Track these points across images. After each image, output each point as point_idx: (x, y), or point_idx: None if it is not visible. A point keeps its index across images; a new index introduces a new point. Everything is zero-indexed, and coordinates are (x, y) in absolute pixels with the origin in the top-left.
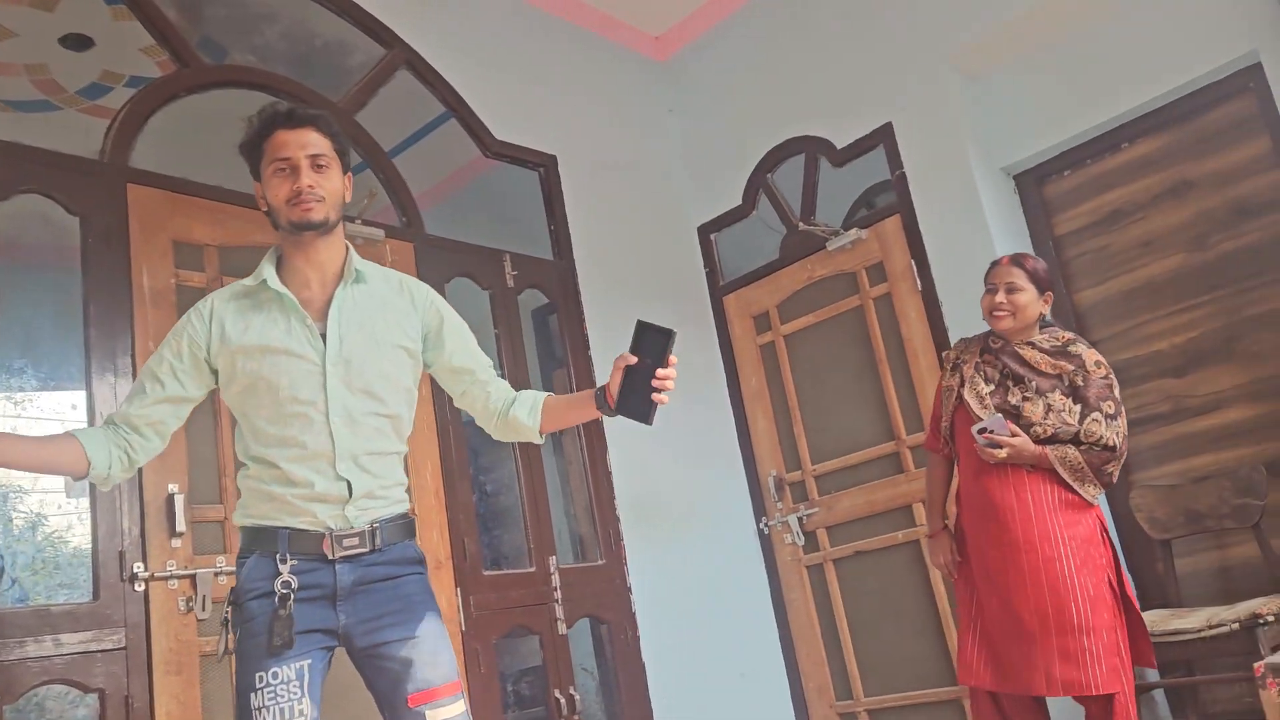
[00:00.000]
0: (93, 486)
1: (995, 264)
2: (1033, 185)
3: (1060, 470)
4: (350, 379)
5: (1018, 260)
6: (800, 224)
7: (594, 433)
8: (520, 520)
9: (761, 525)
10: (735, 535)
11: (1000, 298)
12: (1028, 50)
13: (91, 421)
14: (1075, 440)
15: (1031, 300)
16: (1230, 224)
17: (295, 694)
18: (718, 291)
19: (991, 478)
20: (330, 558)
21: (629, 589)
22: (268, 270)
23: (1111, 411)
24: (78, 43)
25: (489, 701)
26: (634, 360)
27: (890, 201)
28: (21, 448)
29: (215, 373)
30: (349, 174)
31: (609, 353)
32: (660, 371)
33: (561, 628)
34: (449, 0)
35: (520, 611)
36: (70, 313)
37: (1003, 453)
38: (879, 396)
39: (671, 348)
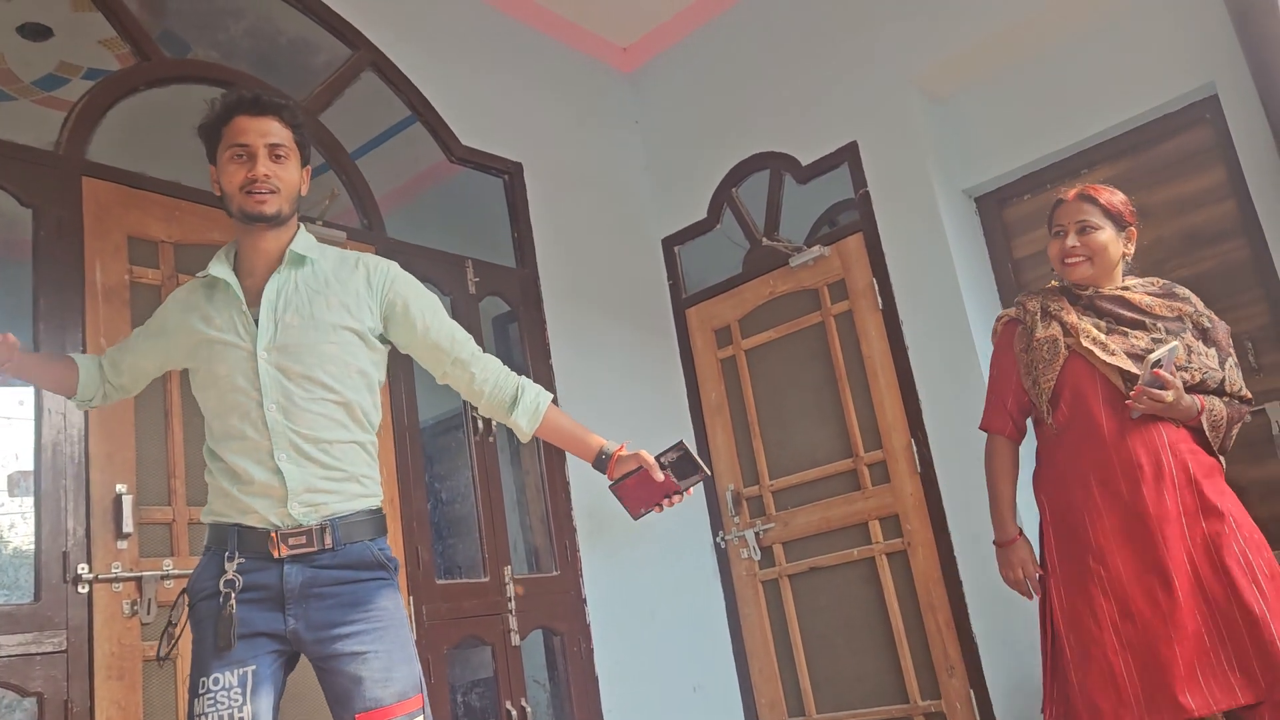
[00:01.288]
0: (37, 486)
1: (1060, 202)
2: (993, 207)
3: (1207, 426)
4: (287, 364)
5: (1088, 195)
6: (764, 239)
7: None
8: (475, 529)
9: (718, 539)
10: (691, 549)
11: (1072, 241)
12: (991, 75)
13: (40, 416)
14: (1219, 390)
15: (1111, 240)
16: (1185, 251)
17: (237, 700)
18: (680, 304)
19: (1136, 440)
20: (276, 556)
21: (584, 601)
22: (217, 260)
23: (1236, 361)
24: (35, 32)
25: (439, 713)
26: (659, 470)
27: (853, 219)
28: (31, 360)
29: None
30: (307, 167)
31: (570, 362)
32: (674, 496)
33: (515, 639)
34: (417, 4)
35: (473, 621)
36: (19, 307)
37: (1170, 395)
38: (838, 413)
39: (696, 484)
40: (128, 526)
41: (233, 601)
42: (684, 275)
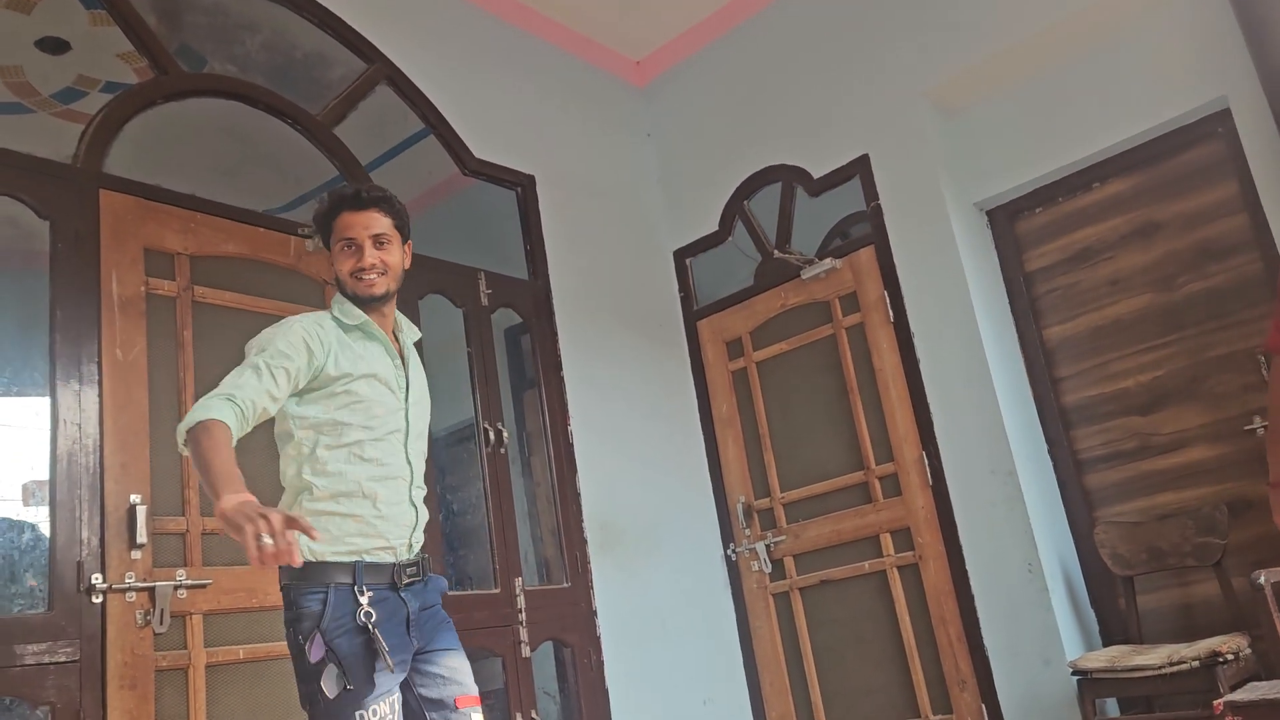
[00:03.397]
0: (52, 495)
1: None
2: (1005, 221)
3: None
4: (415, 419)
5: None
6: (775, 251)
7: (563, 455)
8: (486, 540)
9: (729, 552)
10: (702, 561)
11: None
12: (1003, 88)
13: (55, 427)
14: None
15: None
16: (1196, 265)
17: None
18: (691, 316)
19: None
20: (398, 585)
21: (594, 612)
22: (361, 315)
23: None
24: (54, 46)
25: None
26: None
27: (865, 232)
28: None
29: (298, 389)
30: (408, 244)
31: (581, 374)
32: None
33: (525, 650)
34: (431, 18)
35: (483, 633)
36: (36, 318)
37: None
38: (849, 426)
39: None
40: (141, 537)
41: (377, 631)
42: (695, 287)
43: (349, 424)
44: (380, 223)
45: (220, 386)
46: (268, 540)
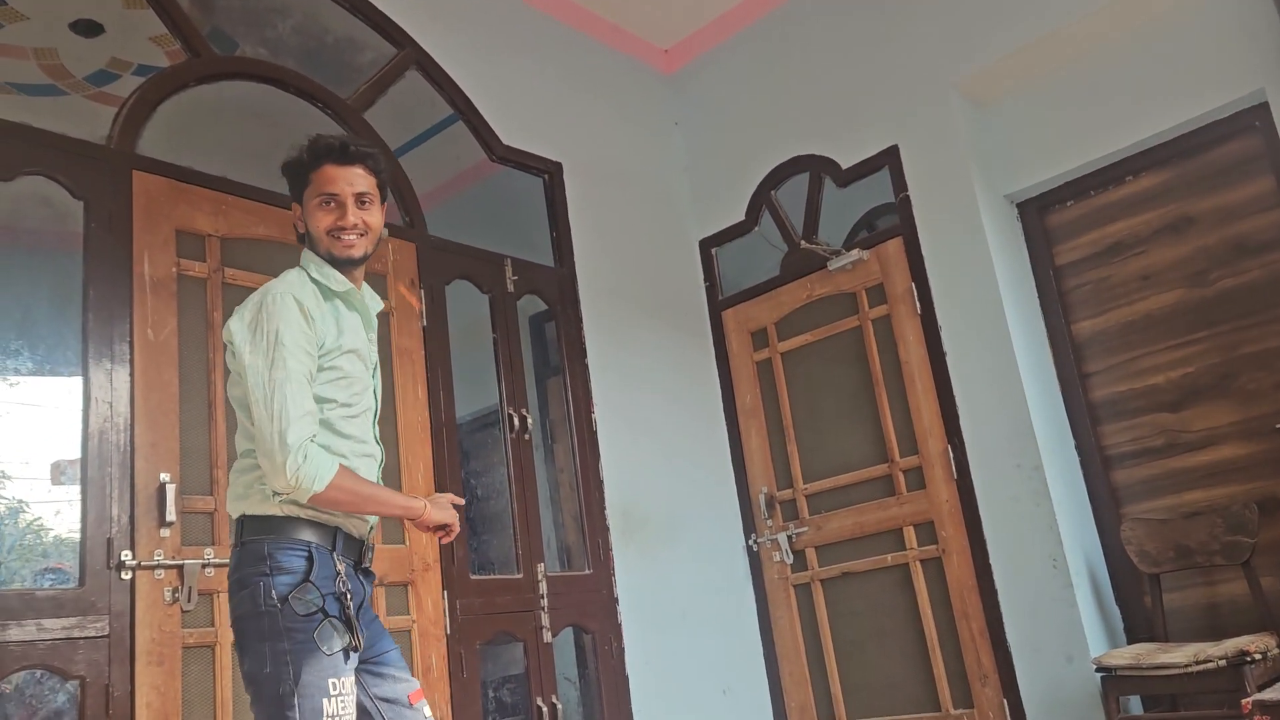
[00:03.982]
0: (84, 473)
1: None
2: (1035, 214)
3: None
4: (379, 398)
5: None
6: (802, 242)
7: (587, 442)
8: (510, 526)
9: (750, 542)
10: (724, 551)
11: None
12: (1035, 79)
13: (87, 406)
14: None
15: None
16: (1230, 261)
17: (351, 710)
18: (716, 306)
19: None
20: (361, 564)
21: (615, 599)
22: (346, 282)
23: None
24: (88, 28)
25: (469, 706)
26: None
27: (892, 224)
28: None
29: None
30: (385, 204)
31: (606, 362)
32: None
33: (546, 636)
34: (462, 4)
35: (505, 618)
36: (69, 297)
37: None
38: (874, 418)
39: None
40: (171, 515)
41: (351, 602)
42: (721, 277)
43: (332, 400)
44: (365, 181)
45: (289, 418)
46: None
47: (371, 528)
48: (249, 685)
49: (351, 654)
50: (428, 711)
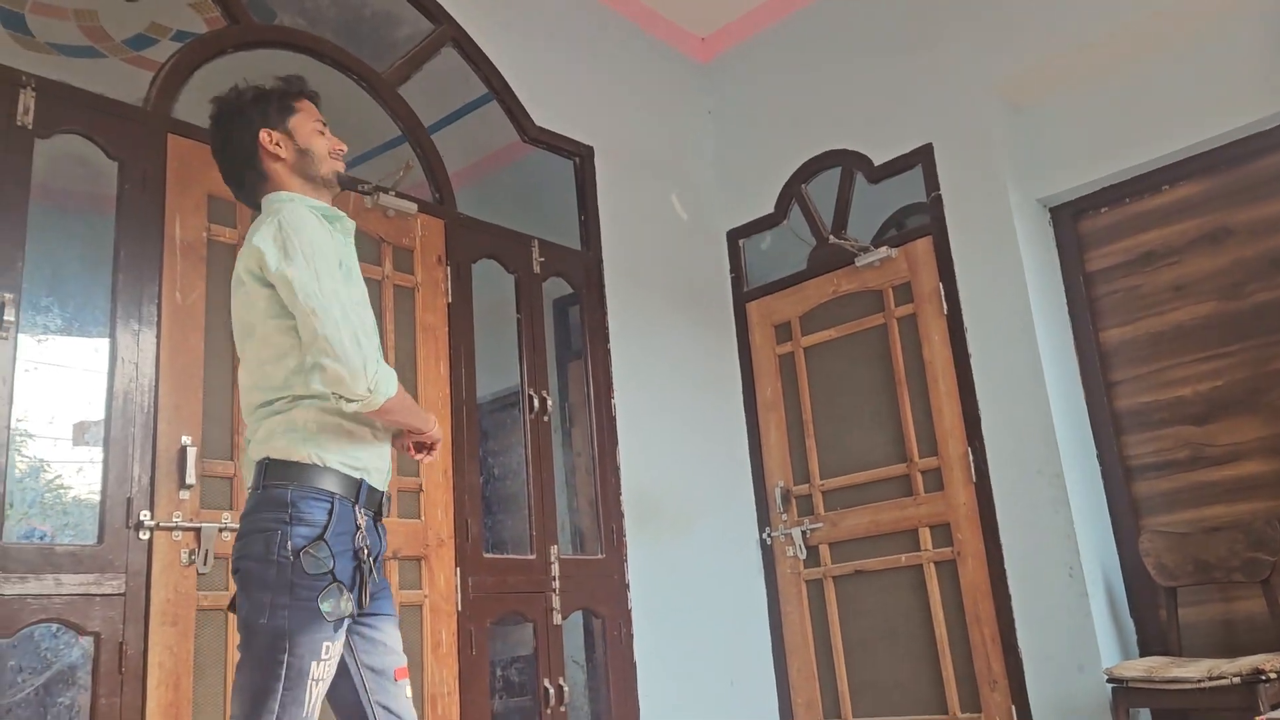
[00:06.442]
0: (107, 433)
1: None
2: (1068, 219)
3: None
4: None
5: None
6: (830, 237)
7: (605, 427)
8: (525, 506)
9: (764, 536)
10: (737, 543)
11: None
12: (1074, 84)
13: (114, 365)
14: None
15: None
16: (1267, 275)
17: (333, 671)
18: (741, 297)
19: None
20: (381, 516)
21: (627, 585)
22: (340, 212)
23: None
24: None
25: (477, 684)
26: None
27: (923, 223)
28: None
29: None
30: None
31: (628, 347)
32: None
33: (556, 618)
34: None
35: (516, 597)
36: (100, 257)
37: None
38: (895, 417)
39: None
40: (190, 478)
41: (372, 564)
42: (746, 268)
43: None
44: None
45: (360, 326)
46: None
47: (387, 480)
48: (241, 628)
49: (348, 620)
50: (408, 691)
